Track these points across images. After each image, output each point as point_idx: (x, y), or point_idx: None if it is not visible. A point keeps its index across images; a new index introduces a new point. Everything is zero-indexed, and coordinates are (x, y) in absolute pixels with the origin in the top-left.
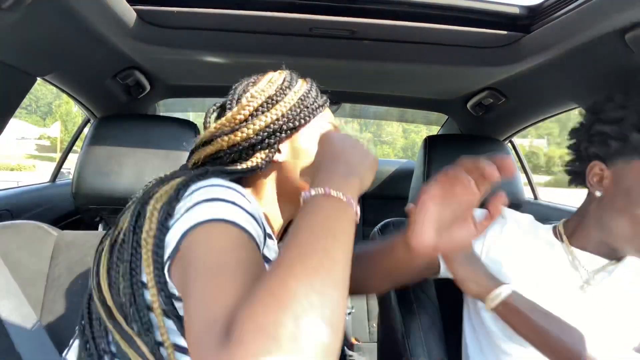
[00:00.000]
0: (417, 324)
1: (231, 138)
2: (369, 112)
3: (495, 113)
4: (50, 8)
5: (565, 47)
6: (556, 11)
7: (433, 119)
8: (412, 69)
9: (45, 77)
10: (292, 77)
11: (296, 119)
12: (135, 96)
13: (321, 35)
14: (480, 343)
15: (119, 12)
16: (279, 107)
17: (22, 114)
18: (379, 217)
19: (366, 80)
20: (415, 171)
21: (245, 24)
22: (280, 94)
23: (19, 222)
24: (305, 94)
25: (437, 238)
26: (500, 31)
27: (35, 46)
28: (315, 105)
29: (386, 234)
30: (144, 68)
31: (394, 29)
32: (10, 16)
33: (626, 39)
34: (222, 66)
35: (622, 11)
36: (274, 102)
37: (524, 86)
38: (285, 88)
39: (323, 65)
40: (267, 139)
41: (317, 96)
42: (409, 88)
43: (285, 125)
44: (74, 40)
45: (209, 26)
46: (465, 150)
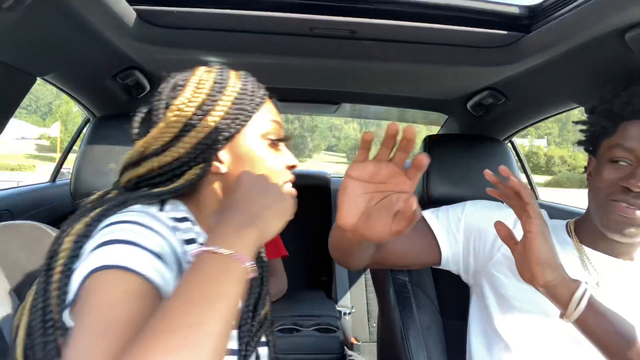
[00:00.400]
0: (417, 324)
1: (161, 160)
2: (369, 112)
3: (495, 113)
4: (50, 8)
5: (565, 47)
6: (556, 11)
7: (433, 119)
8: (412, 69)
9: (45, 77)
10: (223, 76)
11: (231, 126)
12: (135, 96)
13: (321, 35)
14: (487, 337)
15: (119, 12)
16: (210, 119)
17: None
18: None
19: (366, 80)
20: None
21: (245, 24)
22: (211, 101)
23: (18, 222)
24: (240, 94)
25: (360, 220)
26: (500, 31)
27: (35, 46)
28: (253, 104)
29: None
30: (144, 68)
31: (394, 29)
32: (10, 16)
33: (626, 39)
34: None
35: (622, 11)
36: (205, 112)
37: (524, 86)
38: (215, 93)
39: (323, 65)
40: (202, 154)
41: (255, 92)
42: (409, 88)
43: (220, 136)
44: (74, 40)
45: (209, 26)
46: (465, 150)
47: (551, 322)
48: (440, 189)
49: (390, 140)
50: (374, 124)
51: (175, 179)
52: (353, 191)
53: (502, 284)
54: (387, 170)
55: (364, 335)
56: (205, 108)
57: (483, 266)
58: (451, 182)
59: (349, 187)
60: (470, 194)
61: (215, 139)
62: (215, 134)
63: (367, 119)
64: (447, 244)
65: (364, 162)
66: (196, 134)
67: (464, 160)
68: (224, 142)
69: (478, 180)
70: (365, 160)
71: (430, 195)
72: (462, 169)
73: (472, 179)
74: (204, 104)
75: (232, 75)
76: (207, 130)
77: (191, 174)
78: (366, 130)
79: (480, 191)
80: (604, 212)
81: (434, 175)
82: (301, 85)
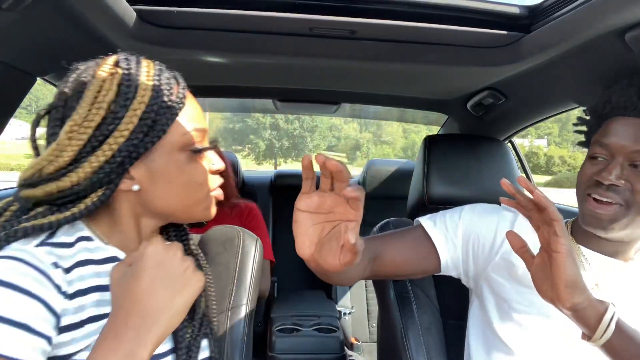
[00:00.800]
0: (417, 324)
1: (59, 185)
2: (369, 112)
3: (495, 113)
4: (50, 8)
5: (565, 47)
6: (556, 11)
7: (433, 119)
8: (412, 69)
9: (45, 77)
10: (129, 82)
11: (140, 145)
12: None
13: (321, 35)
14: (486, 340)
15: (119, 12)
16: (113, 140)
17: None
18: (378, 217)
19: (366, 80)
20: (415, 171)
21: (245, 24)
22: (112, 119)
23: None
24: (151, 105)
25: (315, 251)
26: (500, 31)
27: (35, 46)
28: (167, 115)
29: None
30: None
31: (394, 29)
32: (10, 16)
33: (626, 39)
34: (222, 66)
35: (622, 11)
36: (105, 134)
37: (524, 86)
38: (119, 108)
39: (323, 65)
40: (106, 177)
41: (170, 99)
42: (409, 88)
43: (126, 158)
44: (74, 40)
45: (209, 26)
46: (465, 150)
47: (551, 325)
48: (440, 189)
49: (325, 170)
50: (374, 124)
51: (79, 200)
52: (304, 223)
53: (502, 288)
54: (331, 200)
55: (364, 335)
56: (106, 129)
57: (482, 270)
58: (451, 183)
59: (299, 219)
60: (470, 194)
61: (121, 162)
62: (119, 156)
63: (367, 119)
64: (446, 250)
65: (309, 194)
66: (96, 159)
67: (463, 161)
68: (133, 160)
69: (478, 180)
70: (310, 191)
71: (430, 195)
72: (462, 169)
73: (472, 179)
74: (104, 123)
75: (142, 77)
76: (109, 154)
77: (94, 198)
78: (367, 130)
79: (480, 191)
80: (581, 207)
81: (433, 176)
82: (301, 85)
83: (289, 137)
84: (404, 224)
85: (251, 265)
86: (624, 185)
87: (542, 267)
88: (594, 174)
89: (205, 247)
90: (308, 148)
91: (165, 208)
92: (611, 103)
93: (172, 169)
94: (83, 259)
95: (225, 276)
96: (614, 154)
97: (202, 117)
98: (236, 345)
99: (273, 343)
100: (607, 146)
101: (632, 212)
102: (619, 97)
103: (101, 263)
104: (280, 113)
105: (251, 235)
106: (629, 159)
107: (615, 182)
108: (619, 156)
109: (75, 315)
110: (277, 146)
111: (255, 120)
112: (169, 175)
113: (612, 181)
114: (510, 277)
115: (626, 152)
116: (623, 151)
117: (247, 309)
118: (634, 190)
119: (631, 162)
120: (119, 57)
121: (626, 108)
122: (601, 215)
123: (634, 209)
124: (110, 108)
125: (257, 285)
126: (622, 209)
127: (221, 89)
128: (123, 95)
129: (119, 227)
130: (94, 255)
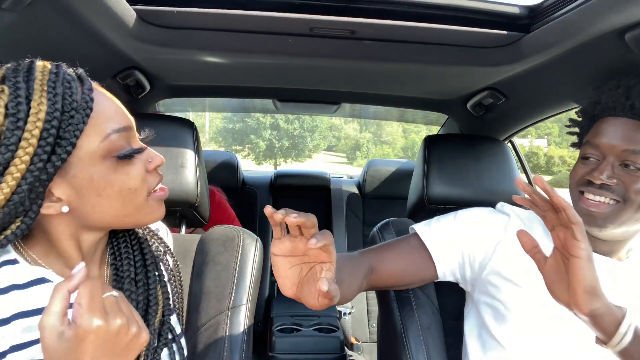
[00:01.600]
0: (417, 324)
1: None
2: (369, 112)
3: (495, 113)
4: (50, 8)
5: (565, 47)
6: (556, 11)
7: (433, 119)
8: (412, 69)
9: None
10: (18, 96)
11: (48, 167)
12: (135, 96)
13: (321, 35)
14: (483, 341)
15: (119, 12)
16: (15, 169)
17: None
18: (378, 217)
19: (366, 80)
20: (415, 171)
21: (245, 24)
22: (7, 146)
23: None
24: (51, 117)
25: (297, 290)
26: (500, 31)
27: (35, 46)
28: (74, 124)
29: (386, 233)
30: (144, 68)
31: (394, 29)
32: (10, 16)
33: (626, 39)
34: (222, 66)
35: (622, 11)
36: (4, 161)
37: (524, 86)
38: (11, 128)
39: (323, 65)
40: (21, 205)
41: (73, 103)
42: (409, 88)
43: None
44: (74, 40)
45: (209, 26)
46: (465, 150)
47: (548, 325)
48: (440, 189)
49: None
50: (374, 124)
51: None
52: (282, 267)
53: (498, 289)
54: (302, 244)
55: (364, 335)
56: (3, 158)
57: (479, 273)
58: (451, 182)
59: (277, 264)
60: (470, 194)
61: (30, 189)
62: (26, 184)
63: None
64: (442, 258)
65: (281, 239)
66: (1, 192)
67: (463, 161)
68: (45, 185)
69: (478, 180)
70: (282, 236)
71: (430, 195)
72: (462, 169)
73: (472, 179)
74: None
75: (34, 89)
76: (14, 185)
77: (13, 228)
78: (367, 130)
79: (480, 191)
80: (575, 206)
81: (433, 176)
82: (301, 85)
83: (289, 137)
84: (404, 224)
85: (251, 265)
86: (616, 184)
87: (555, 270)
88: (586, 174)
89: (205, 247)
90: (308, 148)
91: (102, 221)
92: (601, 104)
93: (99, 181)
94: (7, 284)
95: (225, 276)
96: (604, 154)
97: (122, 113)
98: (236, 345)
99: (273, 343)
100: (597, 147)
101: (627, 210)
102: (608, 97)
103: (26, 287)
104: (280, 113)
105: (251, 235)
106: (620, 158)
107: (607, 182)
108: (610, 156)
109: None
110: (277, 146)
111: (255, 120)
112: (97, 188)
113: (604, 180)
114: (506, 278)
115: (616, 151)
116: (613, 151)
117: (247, 308)
118: (628, 189)
119: (622, 162)
120: (6, 72)
121: (615, 108)
122: (595, 213)
123: (628, 206)
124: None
125: (257, 285)
126: (617, 205)
127: (221, 89)
128: (12, 117)
129: (56, 248)
130: (18, 279)
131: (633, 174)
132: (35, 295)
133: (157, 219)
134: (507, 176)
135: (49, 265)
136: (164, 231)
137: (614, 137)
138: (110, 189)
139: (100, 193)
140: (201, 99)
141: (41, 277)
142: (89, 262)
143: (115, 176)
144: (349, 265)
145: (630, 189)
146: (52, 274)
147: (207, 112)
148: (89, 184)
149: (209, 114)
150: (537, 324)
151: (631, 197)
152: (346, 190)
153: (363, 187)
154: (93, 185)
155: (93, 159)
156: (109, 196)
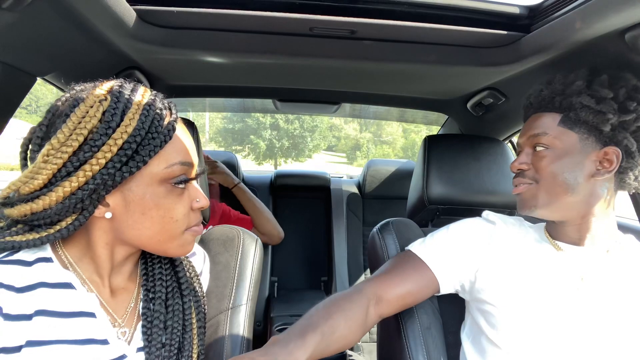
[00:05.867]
0: (417, 324)
1: (33, 207)
2: (369, 112)
3: (495, 113)
4: (50, 8)
5: (565, 47)
6: (556, 11)
7: (433, 119)
8: (412, 69)
9: (45, 77)
10: (116, 109)
11: (117, 175)
12: None
13: (321, 35)
14: (480, 344)
15: (119, 12)
16: (88, 167)
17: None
18: (378, 217)
19: (366, 80)
20: (415, 171)
21: (245, 24)
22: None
23: None
24: (134, 135)
25: None
26: (500, 31)
27: (35, 46)
28: (150, 147)
29: (386, 233)
30: (144, 68)
31: (394, 29)
32: (10, 16)
33: (626, 39)
34: (222, 66)
35: (622, 11)
36: (82, 160)
37: (524, 86)
38: (100, 135)
39: (323, 65)
40: (79, 204)
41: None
42: (409, 88)
43: (102, 186)
44: (74, 40)
45: (209, 26)
46: (465, 150)
47: (546, 326)
48: (439, 189)
49: None
50: (374, 124)
51: (53, 223)
52: None
53: (494, 292)
54: None
55: (364, 335)
56: (83, 156)
57: (474, 279)
58: (451, 182)
59: None
60: (470, 194)
61: (94, 189)
62: (93, 184)
63: (367, 119)
64: (444, 272)
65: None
66: (69, 184)
67: (463, 161)
68: (108, 189)
69: (478, 180)
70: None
71: (429, 195)
72: (461, 169)
73: (472, 179)
74: (81, 150)
75: (131, 106)
76: (83, 181)
77: (67, 223)
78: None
79: (480, 191)
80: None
81: (433, 176)
82: (301, 85)
83: (289, 137)
84: (404, 224)
85: (251, 265)
86: (528, 168)
87: None
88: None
89: (205, 247)
90: (308, 148)
91: (135, 239)
92: (530, 100)
93: (148, 201)
94: (37, 281)
95: (225, 276)
96: (522, 148)
97: (191, 151)
98: (236, 345)
99: None
100: (519, 144)
101: (542, 188)
102: (530, 97)
103: (53, 287)
104: (280, 113)
105: (251, 235)
106: (530, 145)
107: (519, 167)
108: (525, 147)
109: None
110: (277, 146)
111: (255, 120)
112: (144, 207)
113: (517, 166)
114: (501, 280)
115: (527, 141)
116: (526, 142)
117: (247, 308)
118: (537, 170)
119: (532, 147)
120: (115, 84)
121: (540, 106)
122: (520, 197)
123: (542, 184)
124: (89, 136)
125: (257, 285)
126: (532, 186)
127: (221, 89)
128: (105, 124)
129: (90, 253)
130: (49, 278)
131: (538, 154)
132: (60, 298)
133: (185, 253)
134: (507, 176)
135: (81, 269)
136: (201, 256)
137: (525, 131)
138: (155, 211)
139: (145, 212)
140: (201, 99)
141: (69, 282)
142: (117, 273)
143: (164, 201)
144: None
145: (539, 169)
146: (78, 282)
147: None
148: (140, 200)
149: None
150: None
151: (542, 175)
152: (346, 190)
153: (363, 187)
154: (142, 203)
155: (152, 179)
156: (151, 217)
